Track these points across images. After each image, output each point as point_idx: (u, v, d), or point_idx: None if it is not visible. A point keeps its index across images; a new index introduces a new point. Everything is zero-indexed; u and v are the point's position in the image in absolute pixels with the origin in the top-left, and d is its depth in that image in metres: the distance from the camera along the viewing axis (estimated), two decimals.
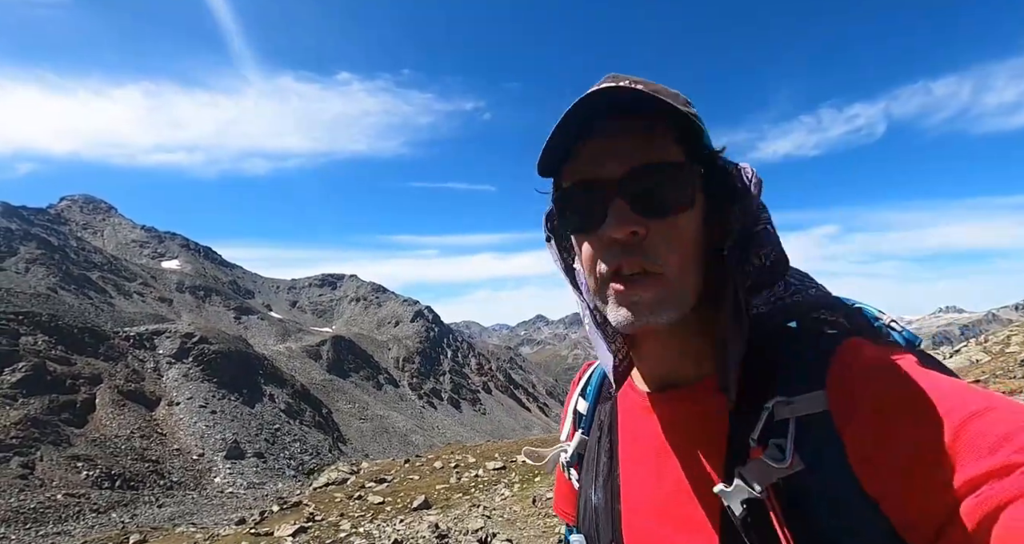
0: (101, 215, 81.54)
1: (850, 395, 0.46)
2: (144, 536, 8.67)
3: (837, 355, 0.50)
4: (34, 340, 31.32)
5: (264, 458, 33.01)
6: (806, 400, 0.48)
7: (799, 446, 0.46)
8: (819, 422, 0.47)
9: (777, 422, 0.48)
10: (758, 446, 0.49)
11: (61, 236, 61.33)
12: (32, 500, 21.23)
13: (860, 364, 0.48)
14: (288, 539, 5.91)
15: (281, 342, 62.42)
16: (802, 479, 0.46)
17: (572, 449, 0.72)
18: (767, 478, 0.47)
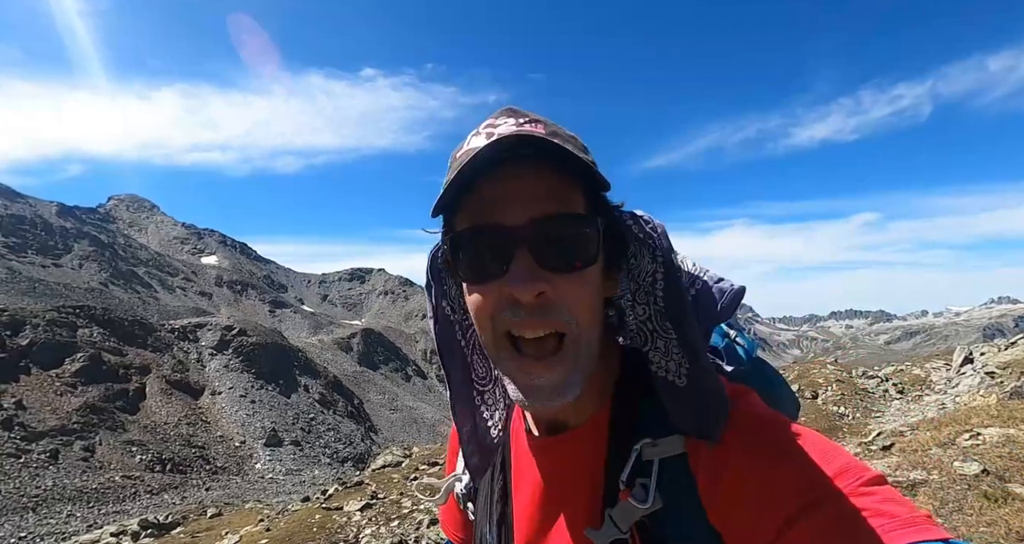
0: (145, 213, 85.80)
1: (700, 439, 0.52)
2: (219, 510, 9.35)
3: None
4: (90, 332, 33.44)
5: (301, 446, 34.36)
6: (668, 442, 0.52)
7: (660, 486, 0.50)
8: (678, 462, 0.52)
9: (644, 462, 0.52)
10: (626, 488, 0.52)
11: (110, 234, 64.97)
12: (93, 481, 22.87)
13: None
14: (357, 513, 6.34)
15: (313, 334, 64.52)
16: (663, 515, 0.50)
17: (466, 482, 0.73)
18: (632, 517, 0.50)
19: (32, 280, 37.24)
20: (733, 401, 0.53)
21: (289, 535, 5.82)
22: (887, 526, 0.40)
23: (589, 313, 0.51)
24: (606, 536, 0.51)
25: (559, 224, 0.49)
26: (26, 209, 55.15)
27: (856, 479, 0.44)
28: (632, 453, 0.53)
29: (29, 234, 50.70)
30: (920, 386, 9.79)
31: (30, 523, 18.39)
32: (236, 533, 6.52)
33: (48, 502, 20.32)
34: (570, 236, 0.49)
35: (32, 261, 46.58)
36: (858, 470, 0.45)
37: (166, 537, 7.42)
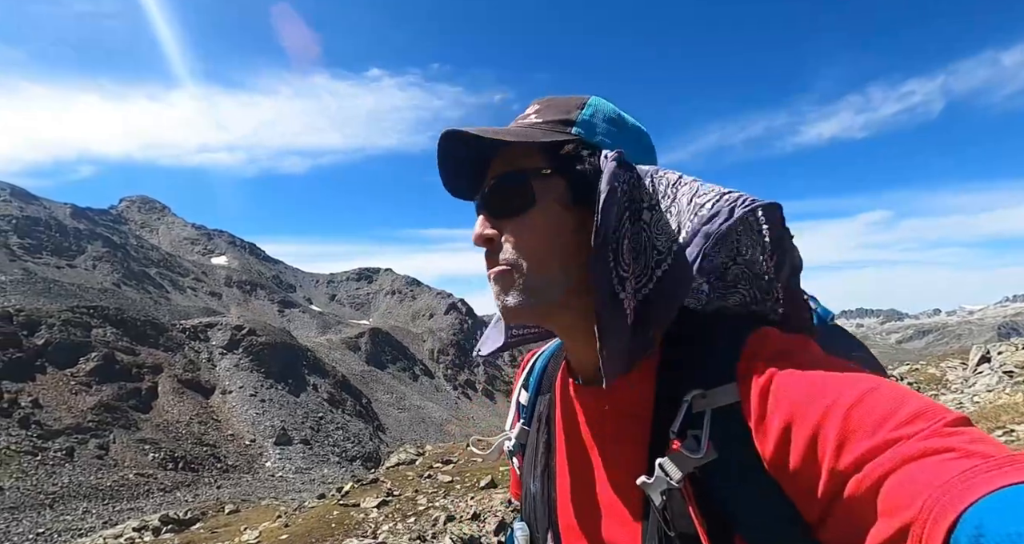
0: (156, 214, 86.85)
1: (754, 385, 0.50)
2: (237, 506, 9.53)
3: (745, 347, 0.54)
4: (104, 332, 33.92)
5: (310, 445, 34.62)
6: (719, 393, 0.52)
7: (713, 436, 0.50)
8: (731, 412, 0.51)
9: (695, 414, 0.52)
10: (677, 438, 0.52)
11: (122, 235, 65.85)
12: (108, 479, 23.21)
13: (763, 355, 0.52)
14: (374, 510, 6.46)
15: (322, 334, 64.92)
16: (716, 467, 0.50)
17: (515, 438, 0.77)
18: (684, 468, 0.50)
19: (47, 281, 37.86)
20: (790, 347, 0.52)
21: (308, 531, 5.89)
22: (981, 467, 0.35)
23: (531, 251, 0.59)
24: (657, 486, 0.51)
25: (501, 180, 0.61)
26: (41, 211, 56.06)
27: (938, 419, 0.40)
28: (682, 404, 0.53)
29: (44, 235, 51.55)
30: (936, 385, 9.66)
31: (47, 519, 18.71)
32: (255, 529, 6.60)
33: (64, 499, 20.66)
34: (507, 188, 0.60)
35: (47, 262, 47.36)
36: (940, 411, 0.41)
37: (186, 532, 7.56)
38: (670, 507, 0.51)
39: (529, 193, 0.59)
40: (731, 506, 0.49)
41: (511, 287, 0.59)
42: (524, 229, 0.59)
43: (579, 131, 0.61)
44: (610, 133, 0.63)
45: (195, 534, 7.31)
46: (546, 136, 0.59)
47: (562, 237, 0.59)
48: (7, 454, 21.91)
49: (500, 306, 0.60)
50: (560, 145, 0.60)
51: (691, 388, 0.53)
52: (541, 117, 0.62)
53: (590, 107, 0.63)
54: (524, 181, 0.59)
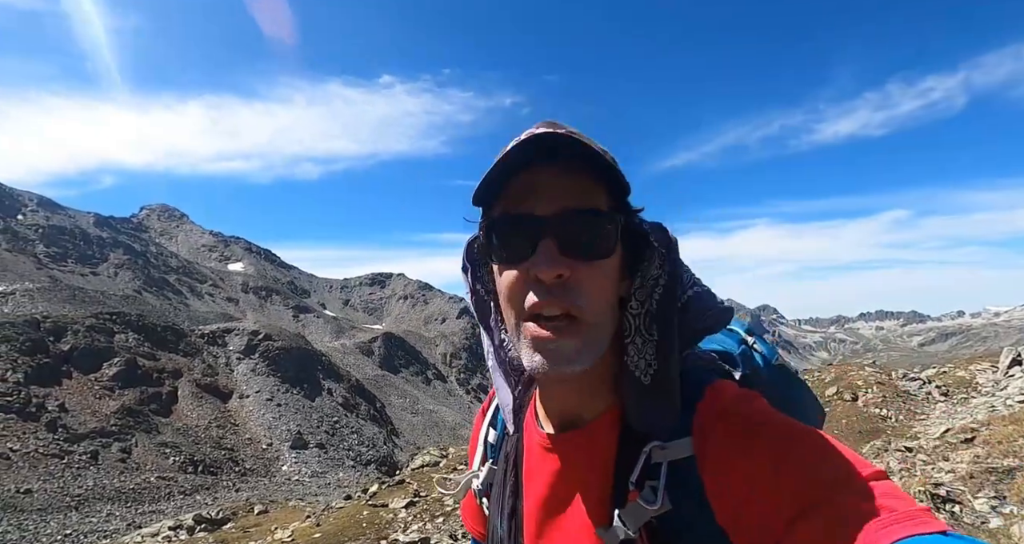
0: (175, 222, 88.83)
1: (707, 439, 0.54)
2: (265, 507, 9.73)
3: (703, 401, 0.57)
4: (126, 338, 34.70)
5: (325, 449, 34.86)
6: (676, 446, 0.55)
7: (669, 488, 0.53)
8: (686, 465, 0.54)
9: (654, 464, 0.55)
10: (636, 488, 0.55)
11: (143, 242, 67.46)
12: (131, 482, 23.64)
13: (715, 411, 0.56)
14: (402, 510, 6.59)
15: (336, 339, 65.55)
16: (671, 517, 0.53)
17: (483, 477, 0.76)
18: (641, 519, 0.53)
19: (72, 288, 38.94)
20: (737, 405, 0.56)
21: (340, 529, 5.97)
22: (886, 520, 0.42)
23: (601, 301, 0.56)
24: (616, 536, 0.54)
25: (582, 217, 0.55)
26: (66, 220, 57.77)
27: (856, 476, 0.46)
28: (642, 455, 0.55)
29: (69, 244, 53.08)
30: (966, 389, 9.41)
31: (73, 521, 19.11)
32: (285, 528, 6.70)
33: (89, 501, 21.08)
34: (591, 229, 0.55)
35: (72, 270, 48.72)
36: (858, 467, 0.47)
37: (219, 532, 7.73)
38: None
39: (613, 239, 0.56)
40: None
41: (581, 346, 0.54)
42: (599, 278, 0.56)
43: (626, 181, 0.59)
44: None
45: (227, 533, 7.48)
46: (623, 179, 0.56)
47: (615, 292, 0.58)
48: (35, 457, 22.47)
49: (552, 364, 0.54)
50: (626, 191, 0.58)
51: (651, 439, 0.56)
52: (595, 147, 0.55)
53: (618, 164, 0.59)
54: (611, 225, 0.56)
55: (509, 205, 0.58)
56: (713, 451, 0.53)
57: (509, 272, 0.57)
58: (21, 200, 57.96)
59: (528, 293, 0.55)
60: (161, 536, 8.07)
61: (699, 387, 0.59)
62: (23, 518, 18.21)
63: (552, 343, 0.54)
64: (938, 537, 0.40)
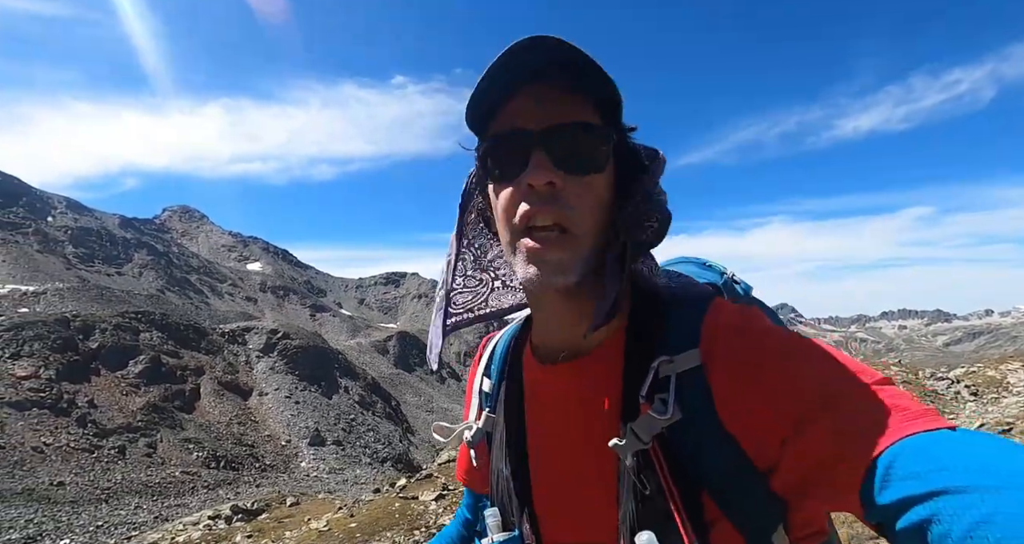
0: (196, 223, 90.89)
1: (714, 349, 0.55)
2: (297, 499, 10.10)
3: (707, 315, 0.58)
4: (150, 336, 35.66)
5: (342, 446, 35.34)
6: (683, 358, 0.56)
7: (678, 398, 0.54)
8: (694, 376, 0.55)
9: (662, 379, 0.55)
10: (646, 402, 0.55)
11: (165, 243, 69.21)
12: (156, 476, 24.32)
13: (722, 322, 0.57)
14: (432, 502, 6.77)
15: (352, 338, 66.38)
16: (681, 426, 0.53)
17: (477, 428, 0.75)
18: (653, 429, 0.53)
19: (100, 288, 40.17)
20: (742, 316, 0.58)
21: (374, 520, 6.14)
22: (900, 417, 0.44)
23: (590, 215, 0.56)
24: (628, 448, 0.54)
25: (572, 131, 0.55)
26: (92, 222, 59.59)
27: (862, 379, 0.48)
28: (650, 371, 0.56)
29: (96, 245, 54.75)
30: (996, 388, 9.17)
31: (104, 513, 19.75)
32: (319, 519, 6.91)
33: (118, 494, 21.75)
34: (582, 142, 0.56)
35: (99, 270, 50.25)
36: (867, 371, 0.49)
37: (255, 521, 8.03)
38: (642, 468, 0.54)
39: (605, 154, 0.57)
40: (696, 463, 0.53)
41: (569, 259, 0.56)
42: (588, 191, 0.56)
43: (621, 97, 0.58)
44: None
45: (263, 523, 7.76)
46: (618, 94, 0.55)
47: (606, 206, 0.59)
48: (67, 451, 23.26)
49: (542, 275, 0.56)
50: (618, 107, 0.58)
51: (658, 354, 0.57)
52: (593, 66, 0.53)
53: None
54: (603, 140, 0.57)
55: (501, 125, 0.58)
56: (721, 359, 0.54)
57: (504, 190, 0.58)
58: (51, 203, 59.96)
59: (521, 204, 0.56)
60: (202, 524, 8.43)
61: (703, 301, 0.61)
62: (56, 510, 18.87)
63: (544, 254, 0.55)
64: (946, 432, 0.42)
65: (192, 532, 8.07)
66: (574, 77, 0.54)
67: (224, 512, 9.00)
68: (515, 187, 0.57)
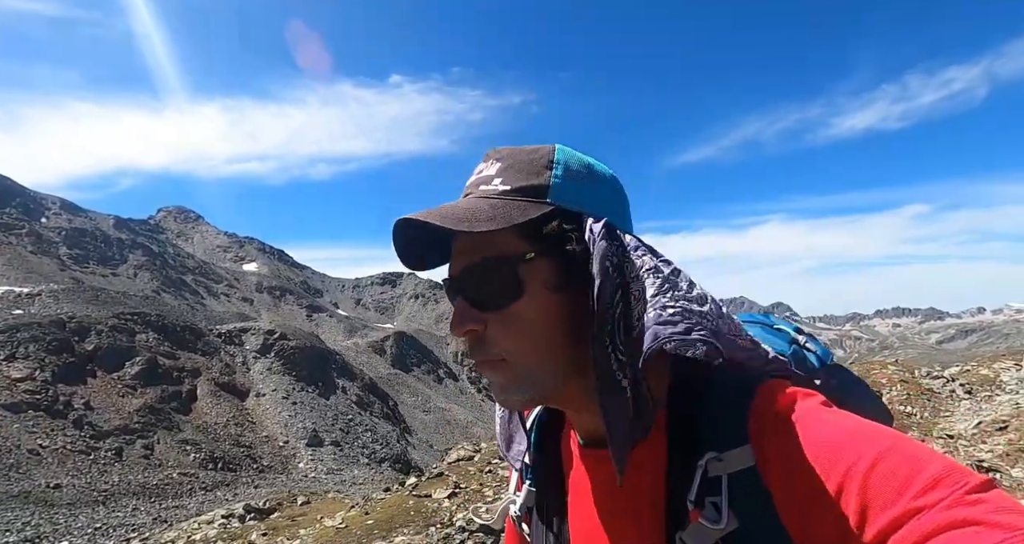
0: (191, 223, 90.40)
1: (768, 447, 0.48)
2: (308, 498, 10.20)
3: (753, 406, 0.51)
4: (147, 337, 35.50)
5: (340, 446, 35.32)
6: (734, 456, 0.49)
7: (733, 503, 0.47)
8: (748, 477, 0.48)
9: (711, 478, 0.49)
10: (695, 507, 0.49)
11: (160, 244, 68.80)
12: (154, 477, 24.24)
13: (772, 413, 0.49)
14: (445, 500, 6.84)
15: (348, 338, 66.26)
16: (738, 536, 0.47)
17: (521, 502, 0.72)
18: (707, 540, 0.48)
19: (95, 289, 39.92)
20: (799, 403, 0.49)
21: (390, 517, 6.24)
22: (1010, 541, 0.34)
23: (523, 345, 0.54)
24: None
25: (480, 270, 0.54)
26: (87, 223, 59.16)
27: (961, 485, 0.38)
28: (697, 469, 0.50)
29: (90, 246, 54.37)
30: (990, 387, 9.36)
31: (101, 515, 19.68)
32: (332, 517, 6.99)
33: (115, 496, 21.66)
34: (489, 278, 0.54)
35: (94, 271, 49.91)
36: (962, 474, 0.39)
37: (268, 520, 8.12)
38: None
39: (516, 282, 0.54)
40: None
41: (508, 382, 0.55)
42: (513, 322, 0.54)
43: (556, 200, 0.54)
44: (586, 193, 0.56)
45: (276, 521, 7.84)
46: (523, 215, 0.52)
47: (552, 324, 0.55)
48: (63, 453, 23.15)
49: (499, 400, 0.57)
50: (541, 223, 0.54)
51: (705, 450, 0.50)
52: (508, 183, 0.55)
53: (559, 165, 0.56)
54: (508, 269, 0.53)
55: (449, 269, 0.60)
56: (778, 457, 0.47)
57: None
58: (45, 203, 59.50)
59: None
60: (216, 523, 8.51)
61: (747, 390, 0.52)
62: (53, 512, 18.79)
63: (488, 378, 0.57)
64: None
65: (208, 530, 8.18)
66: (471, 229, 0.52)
67: (237, 511, 9.12)
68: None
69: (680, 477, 0.51)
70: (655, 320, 0.52)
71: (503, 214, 0.52)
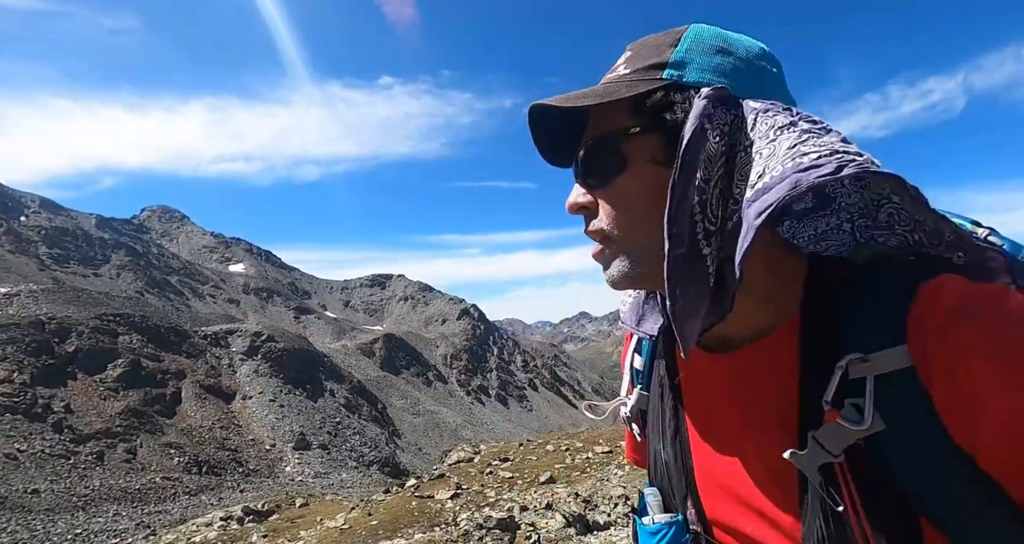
0: (176, 223, 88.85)
1: (937, 346, 0.42)
2: (306, 500, 10.10)
3: (918, 300, 0.44)
4: (129, 339, 34.77)
5: (328, 450, 34.94)
6: (885, 356, 0.44)
7: (879, 405, 0.43)
8: (902, 378, 0.43)
9: (853, 380, 0.45)
10: (832, 408, 0.45)
11: (144, 244, 67.48)
12: (136, 482, 23.72)
13: (944, 310, 0.43)
14: (448, 501, 6.89)
15: (337, 340, 65.61)
16: (886, 439, 0.43)
17: (632, 404, 0.72)
18: (844, 441, 0.44)
19: (76, 290, 38.97)
20: (984, 301, 0.42)
21: (394, 518, 6.21)
22: None
23: (626, 219, 0.54)
24: (812, 460, 0.45)
25: (587, 150, 0.57)
26: (68, 222, 57.77)
27: None
28: (836, 370, 0.45)
29: (71, 245, 53.10)
30: None
31: (81, 521, 19.21)
32: (333, 518, 6.93)
33: (96, 501, 21.16)
34: (595, 155, 0.56)
35: (75, 271, 48.74)
36: None
37: (267, 522, 8.01)
38: (829, 483, 0.45)
39: (618, 157, 0.54)
40: (910, 483, 0.42)
41: (609, 257, 0.56)
42: (615, 197, 0.55)
43: (672, 74, 0.52)
44: (713, 66, 0.52)
45: (275, 523, 7.75)
46: (629, 89, 0.51)
47: (660, 200, 0.50)
48: (42, 457, 22.54)
49: (607, 279, 0.57)
50: (646, 96, 0.52)
51: (846, 352, 0.45)
52: (629, 67, 0.55)
53: (685, 41, 0.53)
54: (612, 144, 0.54)
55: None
56: (949, 359, 0.41)
57: None
58: (23, 202, 58.00)
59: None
60: (216, 525, 8.37)
61: (907, 282, 0.46)
62: (31, 518, 18.31)
63: (596, 256, 0.58)
64: None
65: (207, 532, 8.08)
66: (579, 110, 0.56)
67: (236, 513, 9.01)
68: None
69: (814, 379, 0.47)
70: (794, 169, 0.43)
71: (608, 91, 0.52)
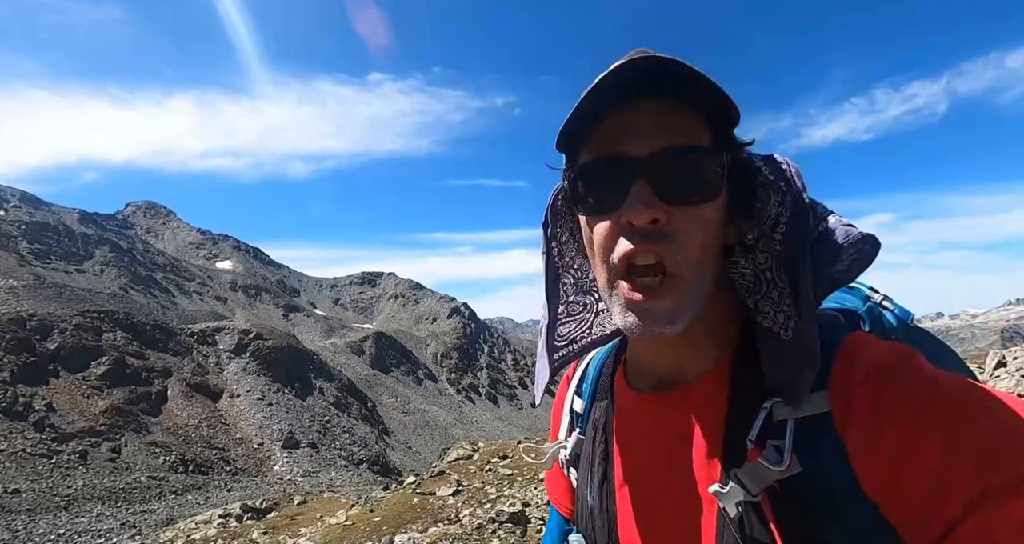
0: (162, 219, 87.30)
1: (852, 397, 0.45)
2: (304, 498, 10.03)
3: (839, 354, 0.48)
4: (114, 336, 34.15)
5: (317, 448, 34.71)
6: (808, 401, 0.46)
7: (798, 448, 0.45)
8: (819, 423, 0.46)
9: (775, 422, 0.47)
10: (755, 447, 0.47)
11: (129, 240, 66.22)
12: (121, 481, 23.34)
13: (862, 361, 0.46)
14: (450, 498, 6.89)
15: (326, 338, 65.09)
16: (800, 481, 0.45)
17: (570, 448, 0.70)
18: (763, 481, 0.45)
19: (58, 286, 38.13)
20: (893, 358, 0.46)
21: (397, 514, 6.23)
22: None
23: (700, 250, 0.49)
24: (732, 497, 0.46)
25: (680, 156, 0.48)
26: (49, 216, 56.45)
27: None
28: (760, 411, 0.47)
29: (53, 241, 51.89)
30: None
31: (63, 521, 18.86)
32: (334, 516, 6.92)
33: (79, 501, 20.80)
34: (691, 169, 0.48)
35: (56, 267, 47.65)
36: None
37: (265, 520, 7.95)
38: (747, 521, 0.46)
39: (718, 181, 0.49)
40: (817, 526, 0.44)
41: (674, 306, 0.49)
42: (701, 225, 0.49)
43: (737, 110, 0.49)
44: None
45: (274, 521, 7.69)
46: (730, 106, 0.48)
47: (719, 237, 0.51)
48: (23, 457, 22.07)
49: (645, 326, 0.49)
50: (734, 122, 0.50)
51: (771, 394, 0.48)
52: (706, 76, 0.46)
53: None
54: (717, 163, 0.49)
55: (598, 147, 0.51)
56: (862, 409, 0.44)
57: (600, 223, 0.51)
58: (3, 196, 56.57)
59: (620, 241, 0.49)
60: (215, 523, 8.30)
61: (833, 339, 0.49)
62: (11, 518, 17.95)
63: (646, 304, 0.49)
64: None
65: (207, 530, 8.01)
66: (687, 90, 0.46)
67: (234, 511, 8.95)
68: (613, 221, 0.50)
69: (740, 419, 0.49)
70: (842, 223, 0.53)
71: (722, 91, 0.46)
